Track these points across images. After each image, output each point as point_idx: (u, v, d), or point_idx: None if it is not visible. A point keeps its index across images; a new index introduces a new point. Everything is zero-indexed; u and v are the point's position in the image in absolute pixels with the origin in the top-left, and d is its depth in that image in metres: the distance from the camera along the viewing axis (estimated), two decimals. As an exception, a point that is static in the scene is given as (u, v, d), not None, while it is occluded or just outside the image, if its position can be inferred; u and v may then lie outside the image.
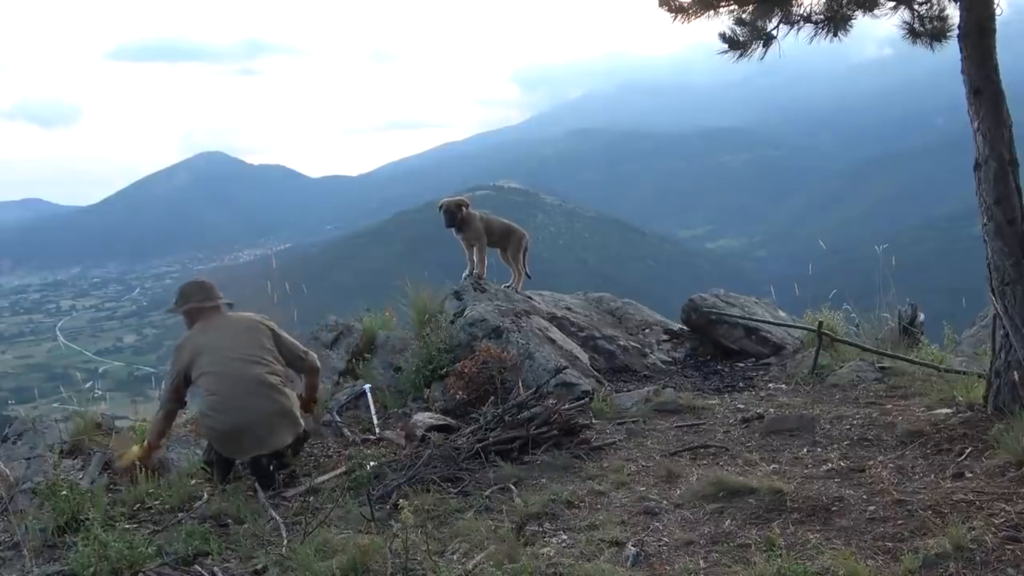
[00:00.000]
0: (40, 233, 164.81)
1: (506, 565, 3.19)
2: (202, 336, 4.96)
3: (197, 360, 4.85)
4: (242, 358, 4.81)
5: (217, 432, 4.79)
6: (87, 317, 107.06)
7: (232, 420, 4.70)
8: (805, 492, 3.88)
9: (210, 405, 4.76)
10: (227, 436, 4.75)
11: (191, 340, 4.98)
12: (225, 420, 4.72)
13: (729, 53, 5.45)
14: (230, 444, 4.77)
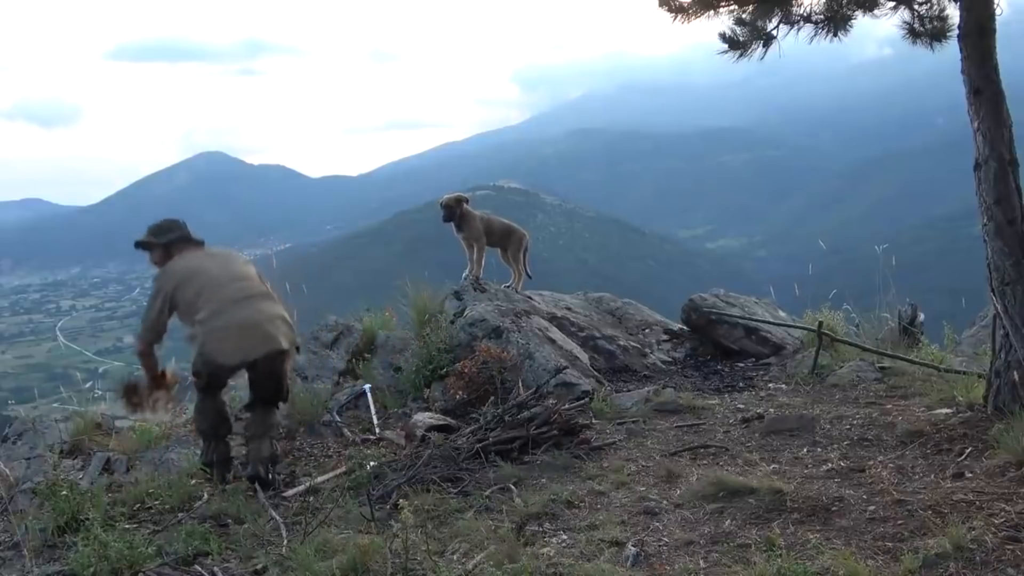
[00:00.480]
0: (40, 233, 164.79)
1: (506, 565, 3.19)
2: (190, 262, 4.93)
3: (189, 281, 4.79)
4: (240, 276, 4.87)
5: (220, 332, 4.65)
6: (87, 317, 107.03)
7: (240, 316, 4.68)
8: (805, 492, 3.88)
9: (213, 312, 4.66)
10: (233, 332, 4.65)
11: (176, 266, 4.92)
12: (233, 317, 4.66)
13: (729, 53, 5.45)
14: (238, 341, 4.66)
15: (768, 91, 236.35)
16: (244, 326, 4.69)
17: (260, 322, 4.72)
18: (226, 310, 4.69)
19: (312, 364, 6.90)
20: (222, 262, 5.00)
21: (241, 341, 4.67)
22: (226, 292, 4.75)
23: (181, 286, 4.80)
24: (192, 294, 4.75)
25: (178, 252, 5.02)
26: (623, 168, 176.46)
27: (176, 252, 5.02)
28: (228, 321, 4.68)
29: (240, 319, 4.69)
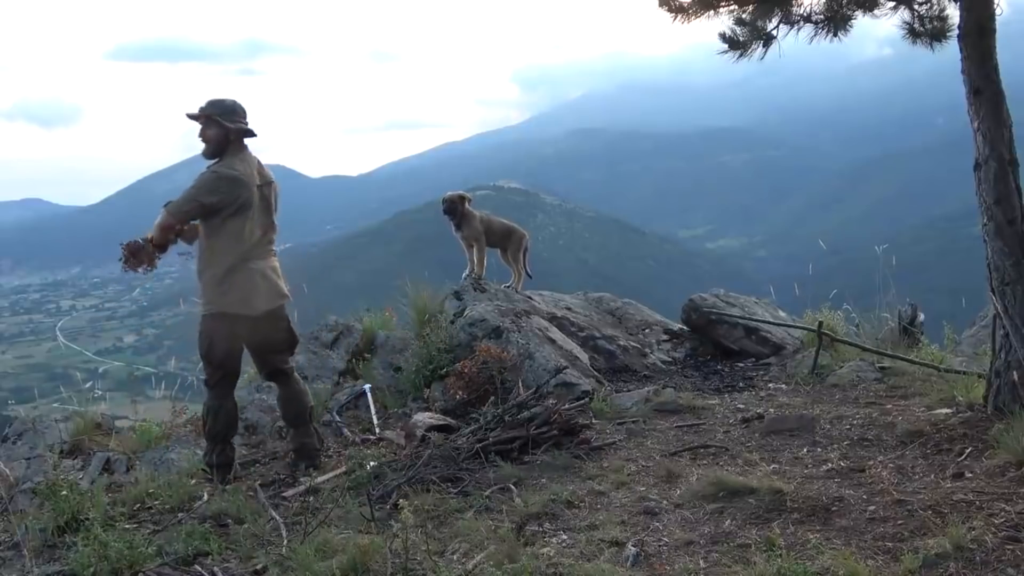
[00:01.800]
0: (40, 233, 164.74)
1: (506, 565, 3.19)
2: (249, 177, 4.70)
3: (249, 203, 4.64)
4: (271, 224, 4.87)
5: (259, 273, 4.69)
6: (87, 317, 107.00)
7: (273, 264, 4.82)
8: (805, 492, 3.88)
9: (254, 245, 4.67)
10: (266, 280, 4.73)
11: (245, 177, 4.66)
12: (267, 265, 4.76)
13: (729, 53, 5.45)
14: (267, 292, 4.73)
15: (768, 91, 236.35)
16: (274, 272, 4.86)
17: (279, 275, 4.93)
18: (263, 251, 4.80)
19: (312, 364, 6.90)
20: (266, 197, 4.85)
21: (269, 291, 4.77)
22: (270, 233, 4.84)
23: (241, 203, 4.62)
24: (243, 214, 4.64)
25: (234, 151, 4.73)
26: (623, 168, 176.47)
27: (233, 149, 4.73)
28: (262, 267, 4.78)
29: (271, 267, 4.85)
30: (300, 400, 5.02)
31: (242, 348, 4.87)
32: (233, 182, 4.59)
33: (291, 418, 5.08)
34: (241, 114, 4.74)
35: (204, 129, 4.69)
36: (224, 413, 4.84)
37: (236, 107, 4.74)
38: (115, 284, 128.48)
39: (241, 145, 4.75)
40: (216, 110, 4.67)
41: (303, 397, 5.06)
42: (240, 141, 4.73)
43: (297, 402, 5.01)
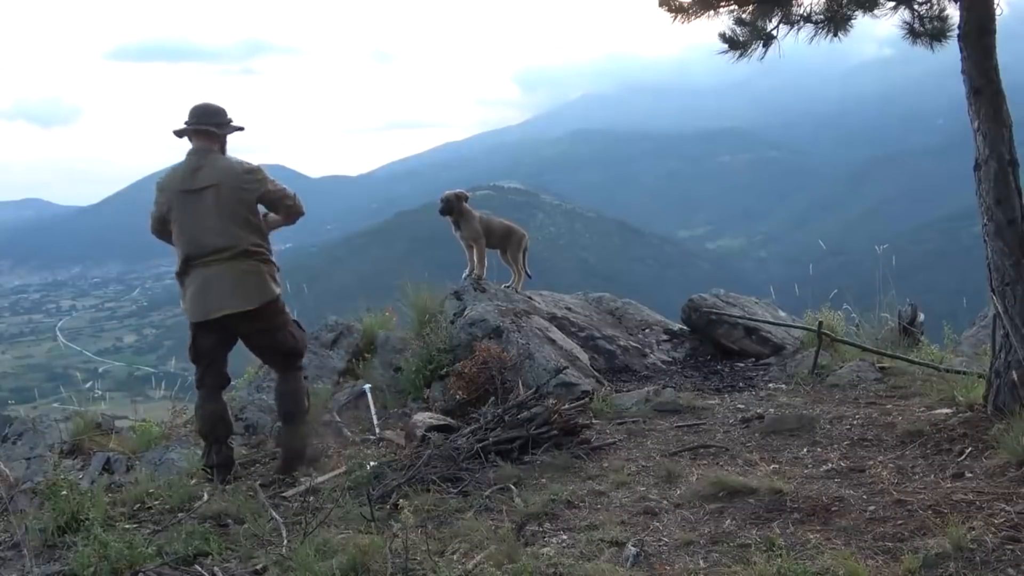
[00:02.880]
0: (40, 233, 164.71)
1: (506, 565, 3.19)
2: (166, 183, 4.84)
3: (168, 210, 4.77)
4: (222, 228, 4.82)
5: (198, 281, 4.78)
6: (87, 317, 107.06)
7: (218, 271, 4.76)
8: (805, 492, 3.88)
9: (194, 252, 4.75)
10: (202, 289, 4.77)
11: (162, 183, 4.84)
12: (211, 273, 4.76)
13: (729, 53, 5.45)
14: (201, 302, 4.79)
15: (768, 92, 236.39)
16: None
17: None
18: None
19: (312, 364, 6.90)
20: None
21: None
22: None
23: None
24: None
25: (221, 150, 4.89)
26: (623, 168, 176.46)
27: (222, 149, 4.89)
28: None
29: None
30: (289, 399, 4.92)
31: (210, 350, 4.81)
32: (157, 189, 4.81)
33: (280, 415, 5.06)
34: (223, 114, 4.86)
35: (205, 141, 4.84)
36: (202, 413, 4.82)
37: (213, 107, 4.86)
38: (115, 284, 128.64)
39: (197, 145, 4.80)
40: (224, 122, 4.86)
41: (293, 398, 4.93)
42: (197, 142, 4.80)
43: (286, 400, 4.92)
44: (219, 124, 4.79)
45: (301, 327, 5.06)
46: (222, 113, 4.84)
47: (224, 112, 4.86)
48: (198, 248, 4.65)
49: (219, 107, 4.85)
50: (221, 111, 4.84)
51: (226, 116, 4.85)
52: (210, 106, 4.83)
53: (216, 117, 4.79)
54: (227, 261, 4.60)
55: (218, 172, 4.68)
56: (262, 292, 4.67)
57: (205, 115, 4.77)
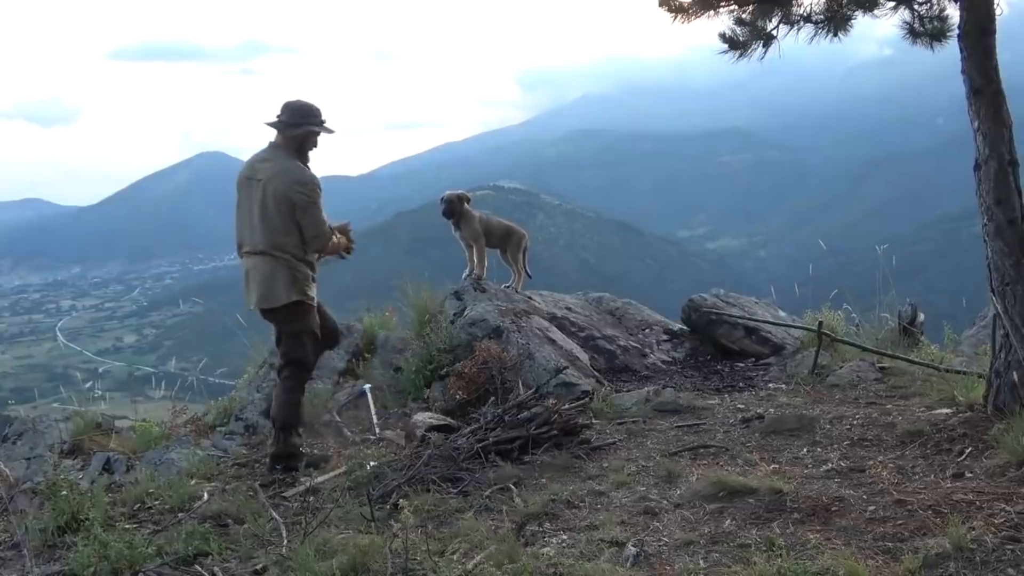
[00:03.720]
0: (40, 233, 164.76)
1: (506, 565, 3.19)
2: (239, 175, 5.00)
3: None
4: (254, 225, 4.96)
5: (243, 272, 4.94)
6: (87, 317, 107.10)
7: (249, 266, 4.95)
8: (805, 492, 3.88)
9: (241, 243, 4.93)
10: (244, 281, 4.97)
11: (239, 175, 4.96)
12: (247, 266, 4.94)
13: (729, 53, 5.45)
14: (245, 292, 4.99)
15: (768, 92, 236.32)
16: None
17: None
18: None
19: (312, 364, 6.90)
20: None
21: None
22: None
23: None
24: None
25: (306, 152, 5.01)
26: (623, 168, 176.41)
27: (307, 151, 5.01)
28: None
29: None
30: (277, 406, 4.96)
31: (277, 339, 5.08)
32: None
33: (270, 416, 5.15)
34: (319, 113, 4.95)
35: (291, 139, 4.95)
36: (300, 400, 5.08)
37: (315, 107, 4.96)
38: (115, 284, 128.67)
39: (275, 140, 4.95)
40: (316, 120, 4.95)
41: (280, 407, 4.94)
42: (276, 137, 4.94)
43: (275, 406, 4.99)
44: (293, 124, 4.84)
45: (321, 342, 5.08)
46: (301, 113, 4.87)
47: (307, 113, 4.88)
48: (241, 238, 4.91)
49: (303, 106, 4.89)
50: (302, 111, 4.87)
51: (305, 117, 4.87)
52: (294, 104, 4.88)
53: (294, 116, 4.85)
54: (259, 256, 4.79)
55: (275, 170, 4.78)
56: (277, 294, 4.79)
57: (285, 112, 4.86)
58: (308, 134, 4.87)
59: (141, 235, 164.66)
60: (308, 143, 4.90)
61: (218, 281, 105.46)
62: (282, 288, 4.77)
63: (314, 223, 4.79)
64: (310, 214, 4.76)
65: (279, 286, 4.77)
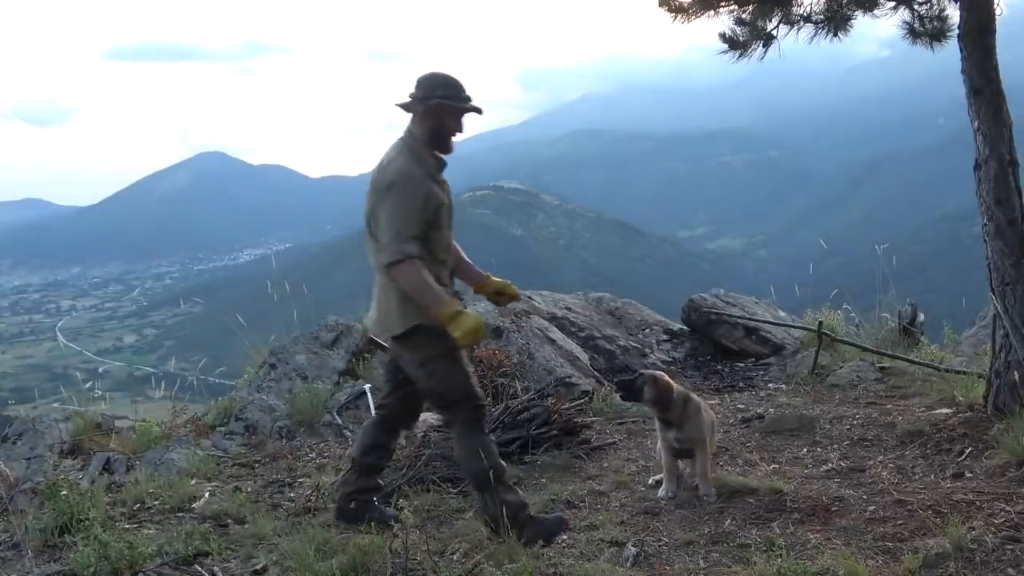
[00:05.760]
0: (40, 233, 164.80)
1: (506, 565, 3.19)
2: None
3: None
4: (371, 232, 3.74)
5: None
6: (87, 317, 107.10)
7: (379, 284, 3.74)
8: (805, 492, 3.88)
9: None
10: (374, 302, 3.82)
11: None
12: (376, 283, 3.75)
13: (729, 53, 5.45)
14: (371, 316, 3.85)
15: (768, 92, 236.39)
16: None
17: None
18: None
19: (312, 364, 6.90)
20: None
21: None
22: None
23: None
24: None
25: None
26: (623, 168, 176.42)
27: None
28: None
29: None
30: (464, 463, 3.66)
31: (387, 370, 4.06)
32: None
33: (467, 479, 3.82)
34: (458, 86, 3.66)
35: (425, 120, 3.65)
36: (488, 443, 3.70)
37: (451, 80, 3.68)
38: (115, 284, 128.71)
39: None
40: (454, 93, 3.64)
41: (463, 461, 3.68)
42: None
43: (463, 464, 3.70)
44: (422, 99, 3.60)
45: (460, 371, 3.62)
46: (432, 84, 3.60)
47: (439, 84, 3.60)
48: (374, 250, 3.72)
49: (436, 77, 3.64)
50: (433, 82, 3.61)
51: (435, 89, 3.58)
52: (425, 75, 3.66)
53: (422, 88, 3.61)
54: (383, 273, 3.64)
55: (377, 164, 3.68)
56: (388, 322, 3.67)
57: (417, 86, 3.63)
58: (441, 111, 3.57)
59: (141, 235, 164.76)
60: (444, 124, 3.60)
61: (218, 281, 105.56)
62: (393, 314, 3.62)
63: (383, 229, 3.53)
64: (378, 218, 3.56)
65: (391, 311, 3.64)
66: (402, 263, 3.44)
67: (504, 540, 3.34)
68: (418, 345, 3.59)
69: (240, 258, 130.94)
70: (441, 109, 3.58)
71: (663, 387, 4.03)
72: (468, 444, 3.58)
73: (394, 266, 3.46)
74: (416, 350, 3.61)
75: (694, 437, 4.02)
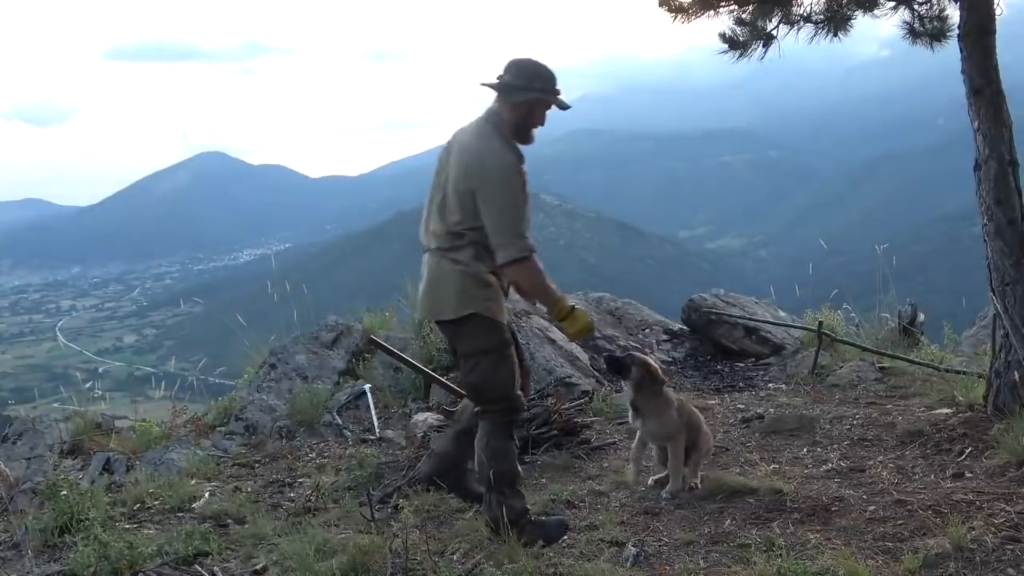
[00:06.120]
0: (40, 233, 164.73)
1: (506, 565, 3.19)
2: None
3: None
4: (432, 210, 3.76)
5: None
6: (87, 317, 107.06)
7: (430, 263, 3.67)
8: (805, 492, 3.88)
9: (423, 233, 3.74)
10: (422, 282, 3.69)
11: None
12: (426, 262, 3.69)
13: (729, 53, 5.45)
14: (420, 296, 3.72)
15: (768, 92, 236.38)
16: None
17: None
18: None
19: (312, 364, 6.90)
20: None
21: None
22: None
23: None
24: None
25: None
26: (623, 168, 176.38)
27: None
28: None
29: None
30: (480, 456, 3.66)
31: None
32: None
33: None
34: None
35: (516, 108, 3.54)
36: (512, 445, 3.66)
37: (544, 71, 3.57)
38: (115, 284, 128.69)
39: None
40: (546, 87, 3.56)
41: (483, 454, 3.61)
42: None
43: (482, 458, 3.63)
44: (517, 87, 3.49)
45: (505, 371, 3.49)
46: (530, 74, 3.50)
47: (536, 75, 3.51)
48: (430, 234, 3.74)
49: (533, 66, 3.54)
50: (531, 71, 3.51)
51: (533, 80, 3.48)
52: (522, 62, 3.56)
53: (519, 76, 3.51)
54: (435, 253, 3.63)
55: (462, 141, 3.59)
56: (442, 305, 3.56)
57: (510, 70, 3.53)
58: (535, 103, 3.49)
59: (141, 235, 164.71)
60: (533, 116, 3.51)
61: (218, 281, 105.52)
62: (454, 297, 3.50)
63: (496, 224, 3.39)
64: (488, 206, 3.40)
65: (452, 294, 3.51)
66: (527, 260, 3.37)
67: (505, 540, 3.35)
68: (468, 334, 3.50)
69: (240, 258, 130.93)
70: (537, 102, 3.51)
71: (652, 371, 4.05)
72: (493, 443, 3.54)
73: (519, 263, 3.37)
74: (464, 339, 3.53)
75: (655, 432, 4.07)
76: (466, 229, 3.43)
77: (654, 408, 4.03)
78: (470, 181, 3.39)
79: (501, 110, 3.52)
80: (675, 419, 4.04)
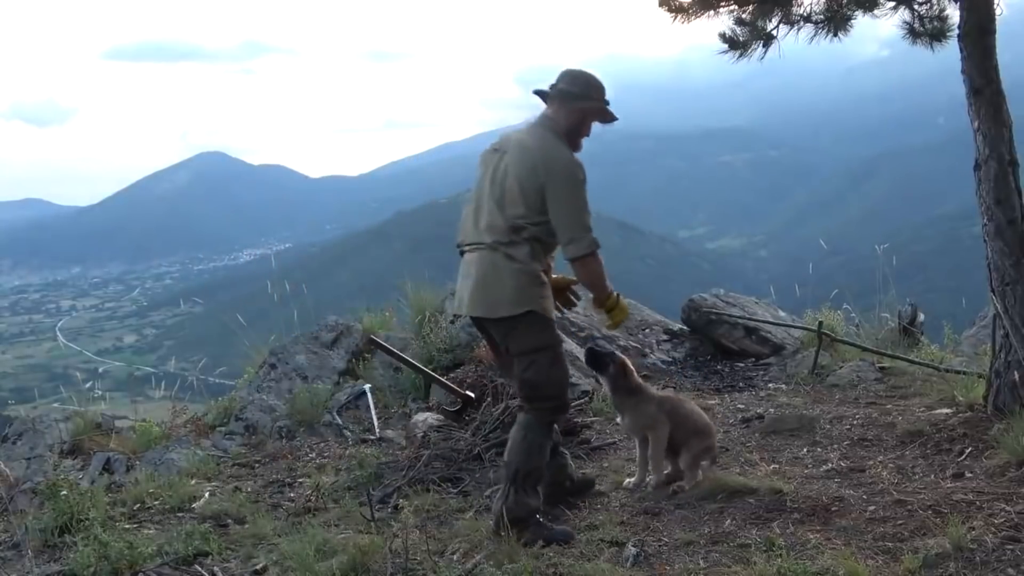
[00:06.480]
0: (40, 233, 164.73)
1: (506, 565, 3.19)
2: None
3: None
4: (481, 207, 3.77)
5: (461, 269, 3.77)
6: (87, 317, 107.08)
7: (471, 259, 3.75)
8: (805, 492, 3.88)
9: (464, 229, 3.76)
10: (461, 280, 3.79)
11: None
12: (466, 260, 3.76)
13: (729, 53, 5.44)
14: (458, 294, 3.84)
15: (768, 91, 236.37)
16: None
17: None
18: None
19: (312, 364, 6.90)
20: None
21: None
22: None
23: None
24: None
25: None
26: (623, 168, 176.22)
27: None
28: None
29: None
30: (511, 448, 3.64)
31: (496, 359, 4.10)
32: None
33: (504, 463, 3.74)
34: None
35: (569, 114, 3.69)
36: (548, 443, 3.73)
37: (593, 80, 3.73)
38: (115, 284, 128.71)
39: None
40: (593, 95, 3.72)
41: (514, 447, 3.61)
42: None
43: (508, 448, 3.66)
44: (574, 95, 3.64)
45: (560, 369, 3.66)
46: (587, 84, 3.67)
47: (592, 86, 3.67)
48: (472, 232, 3.77)
49: (589, 78, 3.69)
50: (588, 82, 3.67)
51: (588, 90, 3.65)
52: (577, 72, 3.72)
53: (575, 84, 3.66)
54: (480, 250, 3.70)
55: (522, 142, 3.66)
56: (498, 302, 3.65)
57: (564, 79, 3.69)
58: (589, 112, 3.64)
59: (141, 235, 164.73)
60: (584, 124, 3.66)
61: (218, 281, 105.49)
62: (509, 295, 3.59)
63: (567, 220, 3.61)
64: (558, 203, 3.59)
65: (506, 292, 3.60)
66: (594, 255, 3.66)
67: (505, 540, 3.35)
68: (524, 332, 3.61)
69: (240, 258, 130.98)
70: (590, 111, 3.67)
71: (627, 372, 4.16)
72: (530, 438, 3.58)
73: (588, 258, 3.66)
74: (520, 337, 3.62)
75: (630, 425, 4.21)
76: (529, 223, 3.56)
77: (632, 403, 4.16)
78: (538, 177, 3.51)
79: (557, 115, 3.64)
80: (650, 413, 4.13)
